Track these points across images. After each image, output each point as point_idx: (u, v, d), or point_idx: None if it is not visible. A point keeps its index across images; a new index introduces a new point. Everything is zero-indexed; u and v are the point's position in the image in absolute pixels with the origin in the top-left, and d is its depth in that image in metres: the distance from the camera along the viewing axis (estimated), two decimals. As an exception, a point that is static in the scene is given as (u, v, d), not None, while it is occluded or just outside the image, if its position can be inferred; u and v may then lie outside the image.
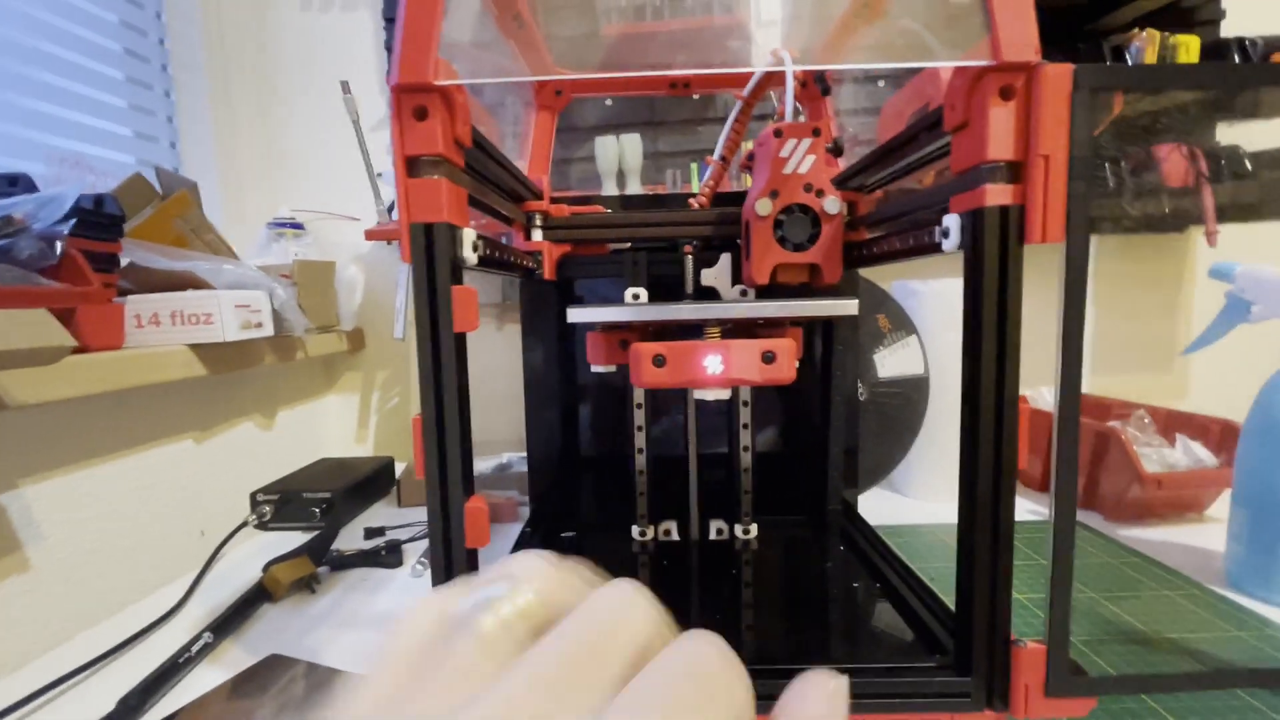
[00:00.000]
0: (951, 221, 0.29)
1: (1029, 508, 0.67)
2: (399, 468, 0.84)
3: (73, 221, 0.52)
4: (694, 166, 0.86)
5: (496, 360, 0.96)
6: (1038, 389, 0.80)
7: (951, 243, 0.29)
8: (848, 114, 0.86)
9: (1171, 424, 0.69)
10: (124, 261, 0.60)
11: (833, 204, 0.39)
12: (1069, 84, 0.25)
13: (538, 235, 0.44)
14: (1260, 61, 0.73)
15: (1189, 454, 0.63)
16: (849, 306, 0.32)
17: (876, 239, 0.39)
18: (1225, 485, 0.60)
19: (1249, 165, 0.80)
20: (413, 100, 0.26)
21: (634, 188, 0.88)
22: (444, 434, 0.27)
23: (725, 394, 0.32)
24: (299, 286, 0.78)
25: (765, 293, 0.44)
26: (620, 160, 0.87)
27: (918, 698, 0.29)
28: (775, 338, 0.32)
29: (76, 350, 0.51)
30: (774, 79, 0.47)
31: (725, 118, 0.94)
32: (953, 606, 0.31)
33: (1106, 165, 0.78)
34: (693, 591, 0.41)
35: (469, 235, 0.29)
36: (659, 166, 0.90)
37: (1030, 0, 0.26)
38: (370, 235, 0.82)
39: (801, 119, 0.63)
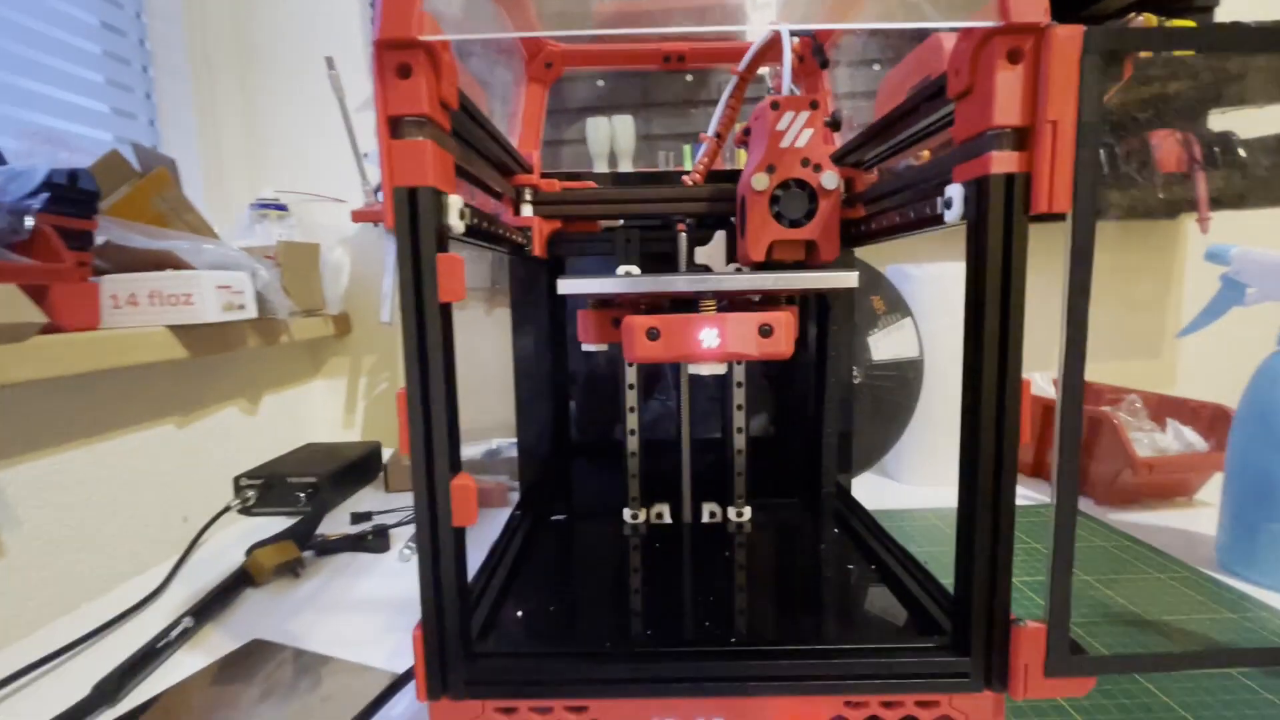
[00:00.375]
0: (954, 191, 0.28)
1: (1021, 493, 0.67)
2: (386, 453, 0.83)
3: (44, 196, 0.50)
4: (687, 149, 0.85)
5: (485, 345, 0.95)
6: (1030, 375, 0.80)
7: (954, 213, 0.28)
8: (844, 98, 0.85)
9: (1162, 408, 0.69)
10: (100, 240, 0.58)
11: (830, 179, 0.38)
12: (1079, 46, 0.24)
13: (528, 210, 0.43)
14: (1256, 46, 0.72)
15: (1180, 438, 0.63)
16: (848, 278, 0.31)
17: (875, 214, 0.38)
18: (1216, 469, 0.60)
19: (1242, 152, 0.80)
20: (396, 57, 0.25)
21: (626, 169, 0.87)
22: (430, 408, 0.26)
23: (721, 369, 0.31)
24: (283, 268, 0.77)
25: (761, 270, 0.43)
26: (612, 141, 0.85)
27: (916, 678, 0.29)
28: (773, 312, 0.31)
29: (51, 330, 0.49)
30: (771, 53, 0.46)
31: (718, 100, 0.92)
32: (948, 588, 0.31)
33: (1100, 150, 0.78)
34: (685, 574, 0.40)
35: (455, 202, 0.28)
36: (651, 148, 0.89)
37: (1039, -40, 0.25)
38: (357, 216, 0.80)
39: (798, 93, 0.62)
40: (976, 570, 0.27)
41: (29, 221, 0.49)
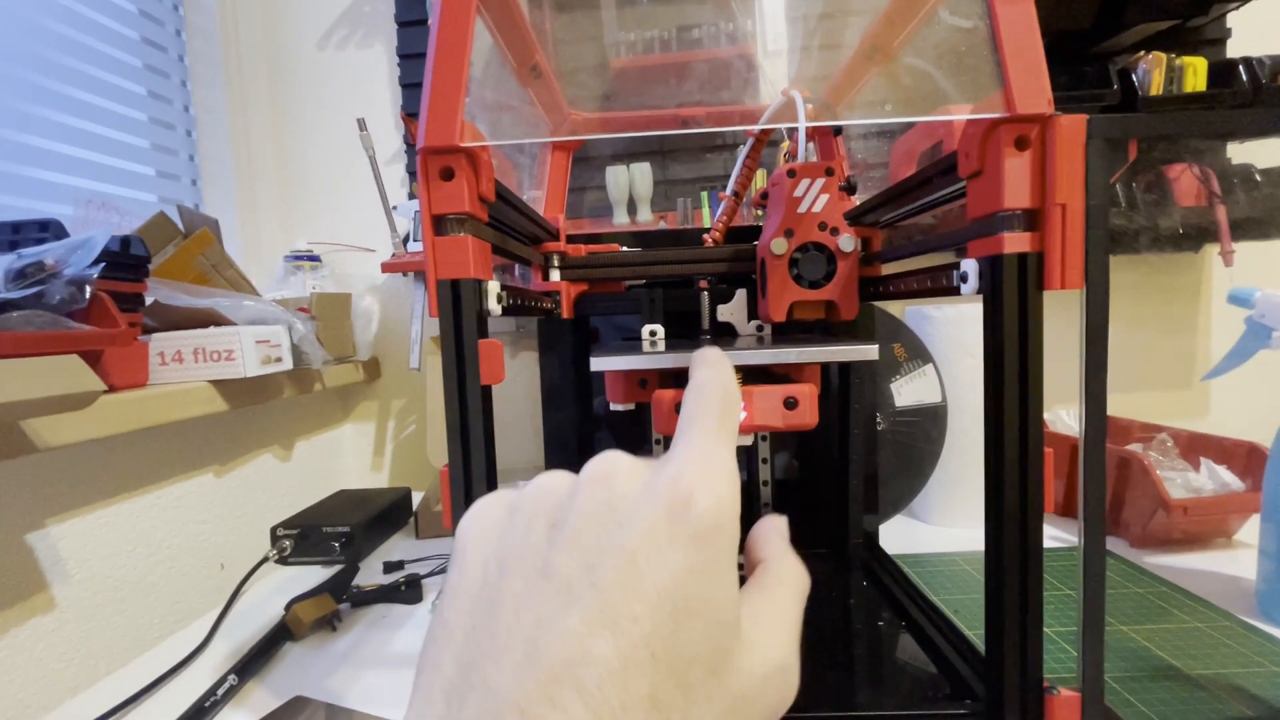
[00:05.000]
0: (969, 266, 0.29)
1: (1049, 533, 0.66)
2: (416, 498, 0.84)
3: (101, 265, 0.54)
4: (704, 194, 0.87)
5: (510, 388, 0.97)
6: (1055, 411, 0.79)
7: (970, 287, 0.29)
8: (856, 139, 0.87)
9: (1194, 447, 0.68)
10: (148, 300, 0.61)
11: (848, 242, 0.40)
12: (1083, 134, 0.26)
13: (555, 275, 0.45)
14: (1269, 82, 0.73)
15: (1214, 478, 0.62)
16: (869, 352, 0.32)
17: (892, 277, 0.40)
18: (1254, 510, 0.59)
19: (1260, 182, 0.79)
20: (439, 162, 0.27)
21: (645, 215, 0.89)
22: (471, 485, 0.28)
23: (748, 441, 0.32)
24: (317, 320, 0.80)
25: (782, 329, 0.44)
26: (631, 189, 0.88)
27: (949, 746, 0.29)
28: (795, 380, 0.32)
29: (103, 391, 0.52)
30: (785, 117, 0.48)
31: (734, 145, 0.95)
32: (980, 644, 0.31)
33: (1118, 187, 0.78)
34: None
35: (493, 288, 0.29)
36: (669, 194, 0.91)
37: (1041, 52, 0.26)
38: (387, 268, 0.84)
39: (812, 146, 0.64)
40: (1007, 640, 0.28)
41: (89, 291, 0.52)
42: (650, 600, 0.14)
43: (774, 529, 0.20)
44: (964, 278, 0.29)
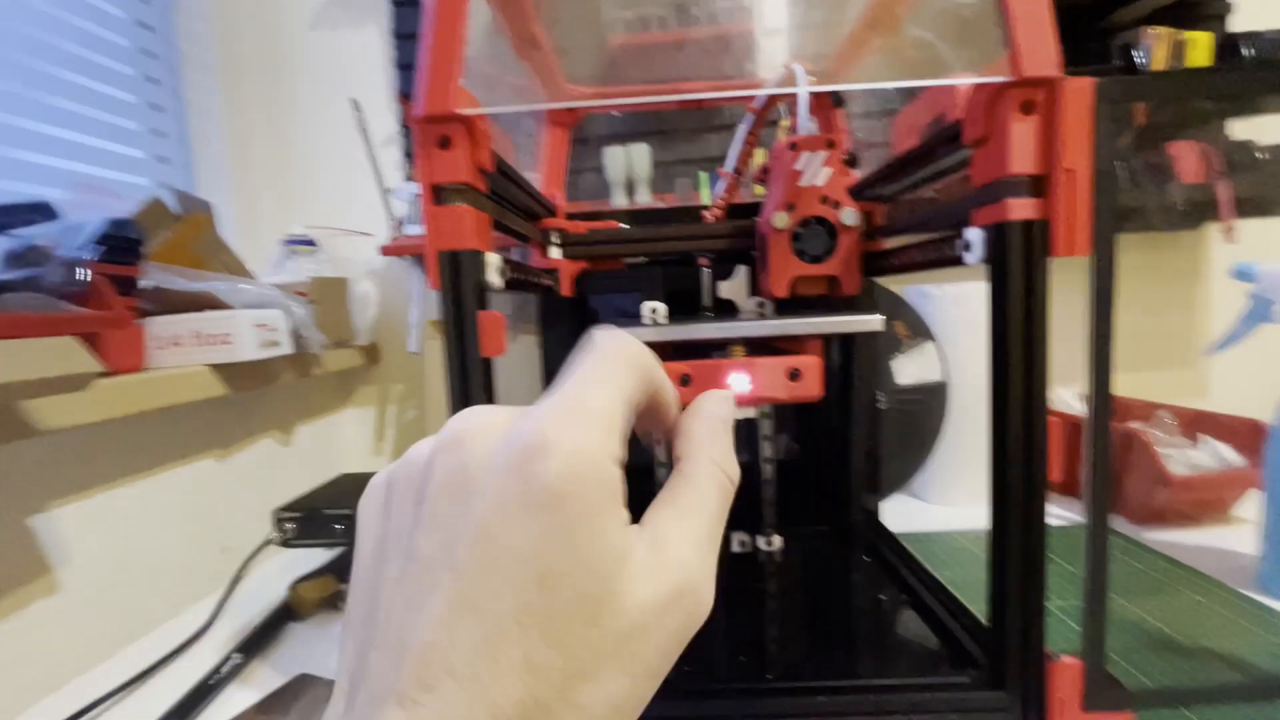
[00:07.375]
0: (974, 235, 0.29)
1: (1052, 511, 0.66)
2: (416, 481, 0.84)
3: (96, 247, 0.53)
4: (703, 175, 0.86)
5: (510, 371, 0.97)
6: (1055, 390, 0.79)
7: (974, 256, 0.29)
8: (857, 117, 0.86)
9: (1195, 424, 0.68)
10: (144, 284, 0.60)
11: (849, 216, 0.39)
12: (1091, 97, 0.25)
13: (555, 253, 0.44)
14: (1273, 56, 0.72)
15: (1214, 455, 0.62)
16: (874, 323, 0.32)
17: (895, 250, 0.39)
18: (1254, 486, 0.59)
19: (1259, 157, 0.79)
20: (436, 130, 0.26)
21: (643, 197, 0.88)
22: (473, 458, 0.28)
23: (751, 413, 0.32)
24: (315, 304, 0.79)
25: (783, 305, 0.44)
26: (629, 170, 0.87)
27: (952, 713, 0.29)
28: (799, 353, 0.32)
29: (101, 374, 0.52)
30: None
31: (733, 125, 0.94)
32: (981, 616, 0.31)
33: (1117, 164, 0.78)
34: (717, 606, 0.40)
35: (493, 260, 0.29)
36: (668, 175, 0.90)
37: (1049, 14, 0.26)
38: (386, 251, 0.83)
39: (814, 125, 0.63)
40: (1010, 607, 0.28)
41: (84, 273, 0.51)
42: (509, 574, 0.13)
43: (701, 416, 0.17)
44: (968, 246, 0.29)
